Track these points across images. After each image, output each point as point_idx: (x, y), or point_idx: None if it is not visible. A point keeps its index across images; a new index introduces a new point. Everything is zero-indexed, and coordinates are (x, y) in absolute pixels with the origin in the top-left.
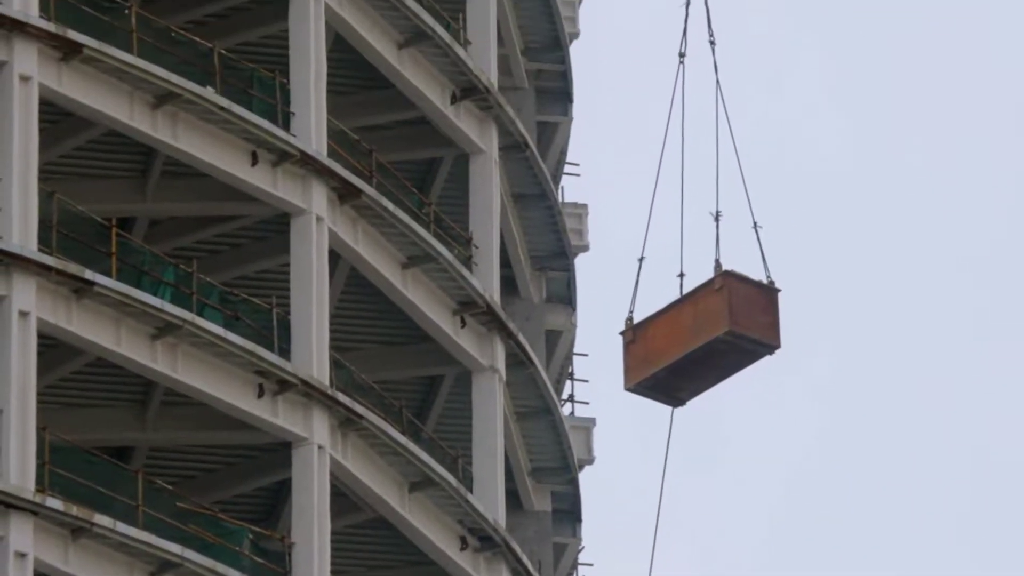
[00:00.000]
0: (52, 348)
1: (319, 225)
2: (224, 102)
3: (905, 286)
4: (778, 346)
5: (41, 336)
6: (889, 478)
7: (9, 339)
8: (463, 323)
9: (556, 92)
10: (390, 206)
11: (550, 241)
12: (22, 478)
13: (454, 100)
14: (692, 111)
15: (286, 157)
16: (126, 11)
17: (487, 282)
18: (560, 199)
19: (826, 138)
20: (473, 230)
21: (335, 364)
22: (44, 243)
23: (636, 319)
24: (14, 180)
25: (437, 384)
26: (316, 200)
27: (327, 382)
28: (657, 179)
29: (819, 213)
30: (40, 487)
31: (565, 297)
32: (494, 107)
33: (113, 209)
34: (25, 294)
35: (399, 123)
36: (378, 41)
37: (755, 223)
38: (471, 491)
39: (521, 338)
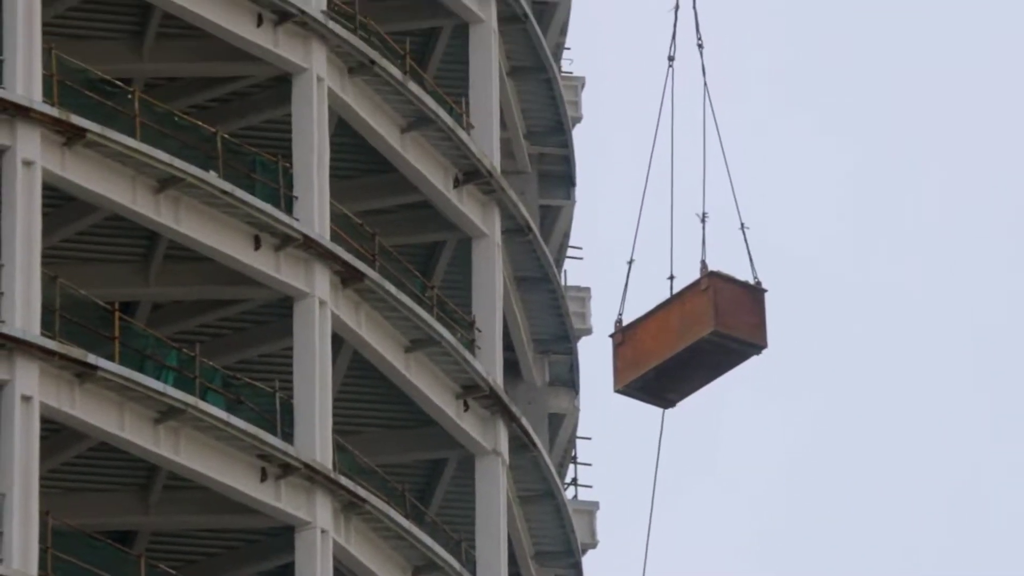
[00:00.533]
0: (55, 433)
1: (322, 309)
2: (227, 186)
3: (898, 285)
4: (764, 346)
5: (44, 421)
6: (881, 478)
7: (12, 424)
8: (466, 407)
9: (559, 176)
10: (393, 290)
11: (553, 324)
12: (25, 563)
13: (457, 184)
14: (687, 117)
15: (289, 241)
16: (129, 96)
17: (490, 366)
18: (563, 282)
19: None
20: (476, 314)
21: (338, 448)
22: (47, 327)
23: (626, 322)
24: (17, 264)
25: (440, 468)
26: (319, 284)
27: (330, 466)
28: (647, 181)
29: (810, 219)
30: (43, 571)
31: (568, 380)
32: (497, 191)
33: (116, 293)
34: (28, 379)
35: (402, 207)
36: (381, 125)
37: (742, 224)
38: (474, 575)
39: (524, 421)
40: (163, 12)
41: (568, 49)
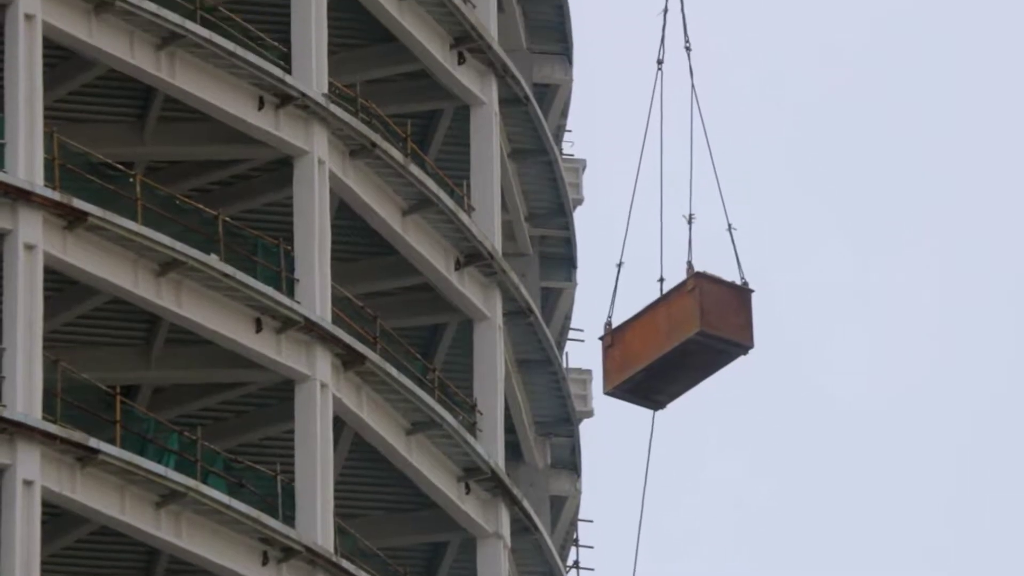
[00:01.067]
0: (56, 517)
1: (323, 392)
2: (228, 269)
3: (887, 286)
4: (751, 346)
5: (45, 504)
6: (872, 478)
7: (13, 508)
8: (468, 489)
9: (560, 258)
10: (394, 372)
11: (555, 406)
12: None
13: (458, 266)
14: (678, 123)
15: (290, 324)
16: (131, 179)
17: (491, 448)
18: (564, 364)
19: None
20: (477, 396)
21: (340, 531)
22: (48, 411)
23: (616, 324)
24: (18, 348)
25: (442, 551)
26: (320, 367)
27: (332, 549)
28: (636, 182)
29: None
30: None
31: (570, 463)
32: (498, 273)
33: (117, 376)
34: (29, 463)
35: (403, 289)
36: (382, 207)
37: (729, 225)
38: None
39: (526, 504)
40: (165, 96)
41: (569, 131)
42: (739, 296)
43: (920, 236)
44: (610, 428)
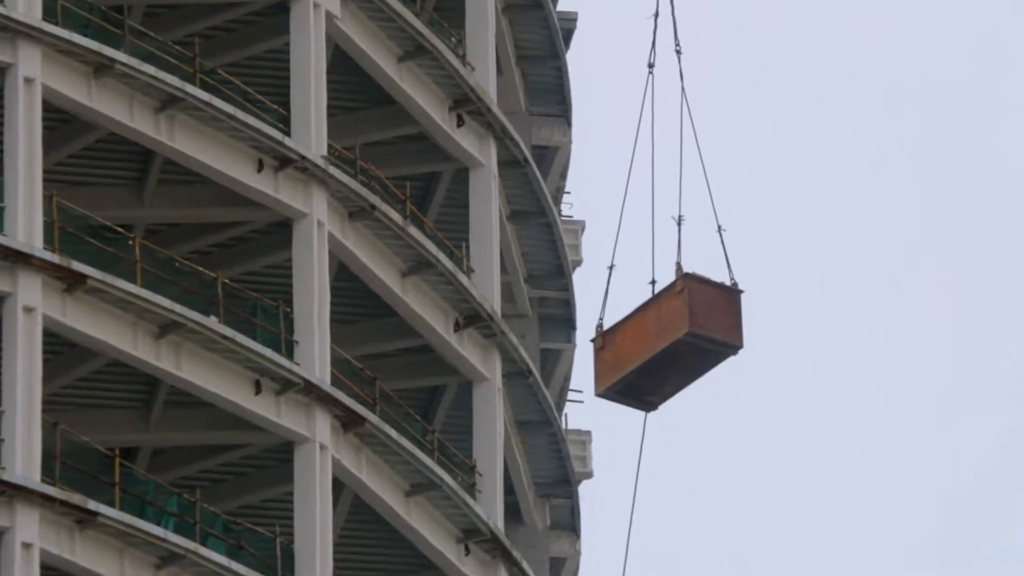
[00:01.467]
0: None
1: (323, 453)
2: (227, 331)
3: (871, 285)
4: (740, 346)
5: (44, 567)
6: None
7: (12, 571)
8: (467, 551)
9: (559, 319)
10: (393, 434)
11: (554, 468)
12: None
13: (457, 328)
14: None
15: (290, 386)
16: (130, 242)
17: (491, 509)
18: (563, 426)
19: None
20: (477, 457)
21: None
22: (47, 473)
23: (607, 326)
24: (17, 411)
25: None
26: (320, 428)
27: None
28: (627, 183)
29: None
30: None
31: (569, 524)
32: (497, 335)
33: (116, 439)
34: (28, 526)
35: (403, 351)
36: (381, 269)
37: (719, 227)
38: None
39: (525, 566)
40: (164, 158)
41: (568, 193)
42: (728, 296)
43: (918, 238)
44: (610, 488)
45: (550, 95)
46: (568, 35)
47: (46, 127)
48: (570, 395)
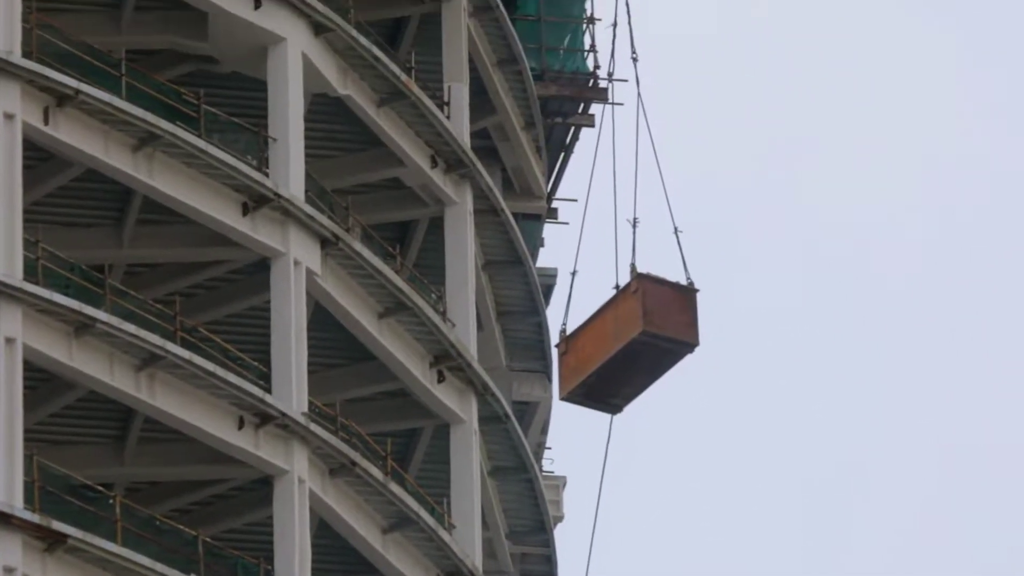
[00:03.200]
0: None
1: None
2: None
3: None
4: (697, 344)
5: None
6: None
7: None
8: None
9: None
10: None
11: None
12: None
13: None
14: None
15: None
16: (110, 501)
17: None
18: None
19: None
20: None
21: None
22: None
23: (570, 331)
24: None
25: None
26: None
27: None
28: (589, 186)
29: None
30: None
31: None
32: None
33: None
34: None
35: None
36: (362, 526)
37: (675, 228)
38: None
39: None
40: (145, 417)
41: (549, 448)
42: (683, 295)
43: (879, 233)
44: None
45: (530, 351)
46: (548, 291)
47: (27, 386)
48: None
